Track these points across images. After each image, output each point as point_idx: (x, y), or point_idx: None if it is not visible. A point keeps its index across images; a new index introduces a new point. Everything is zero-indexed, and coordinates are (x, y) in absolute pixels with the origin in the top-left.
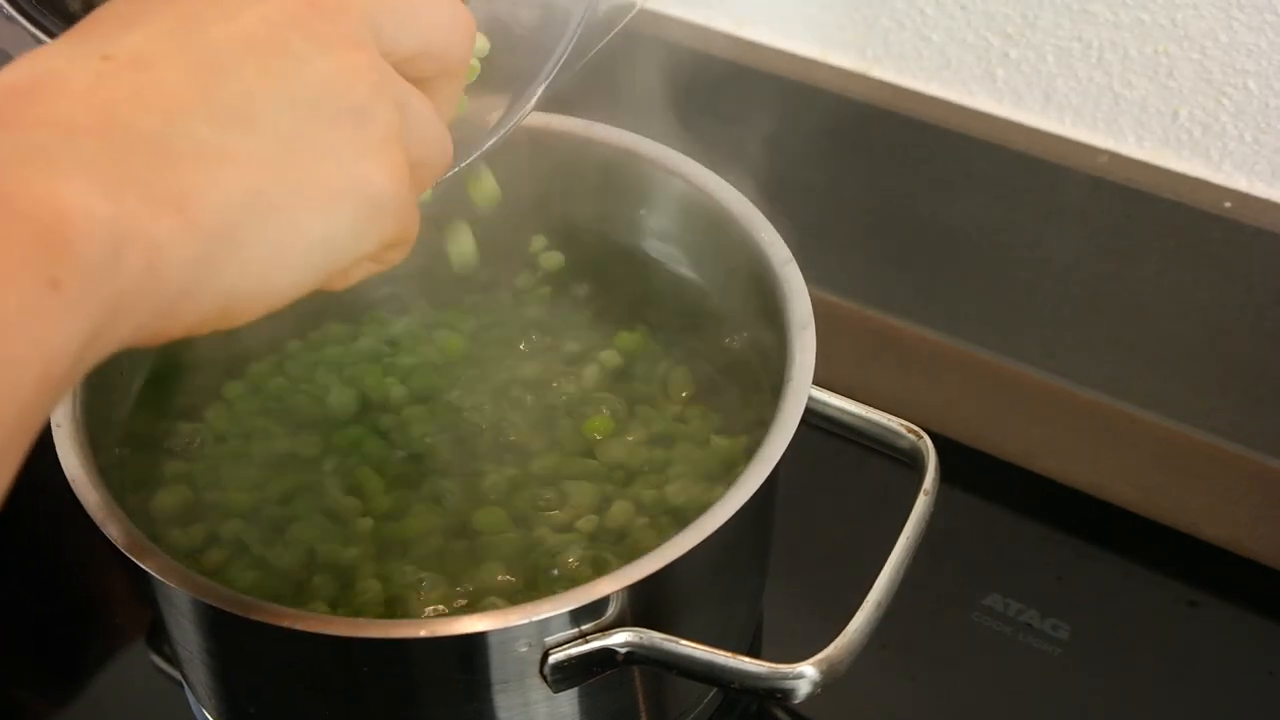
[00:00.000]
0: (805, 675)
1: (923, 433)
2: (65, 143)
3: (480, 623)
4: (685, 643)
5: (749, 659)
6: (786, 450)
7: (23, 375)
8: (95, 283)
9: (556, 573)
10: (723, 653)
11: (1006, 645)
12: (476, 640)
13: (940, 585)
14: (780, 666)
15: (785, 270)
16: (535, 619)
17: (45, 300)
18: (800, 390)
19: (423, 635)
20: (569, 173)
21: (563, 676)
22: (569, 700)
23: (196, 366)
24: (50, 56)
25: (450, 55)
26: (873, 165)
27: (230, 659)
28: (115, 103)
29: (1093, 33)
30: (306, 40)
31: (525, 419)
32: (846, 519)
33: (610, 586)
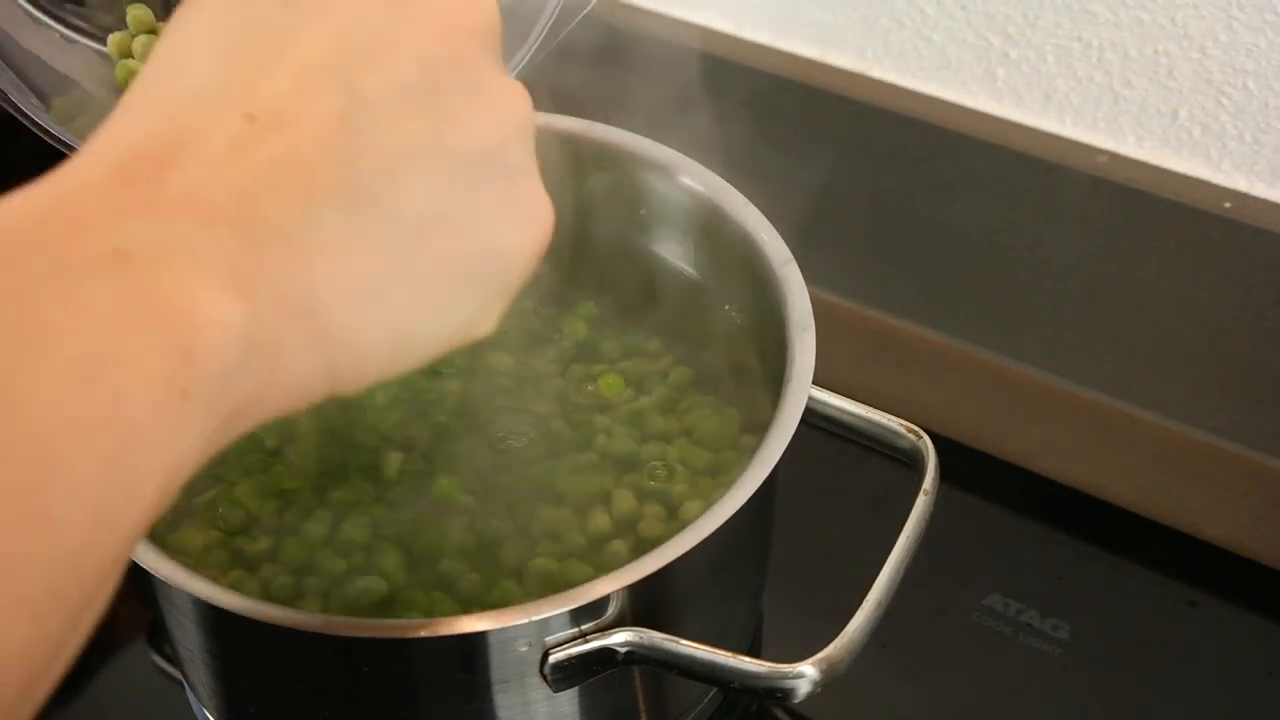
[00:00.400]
0: (805, 675)
1: (923, 433)
2: (203, 235)
3: (480, 623)
4: (685, 642)
5: (749, 659)
6: (786, 450)
7: (145, 488)
8: (223, 391)
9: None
10: (723, 652)
11: (1006, 645)
12: (476, 640)
13: (940, 585)
14: (780, 666)
15: (785, 270)
16: (535, 619)
17: (174, 410)
18: (800, 390)
19: (423, 635)
20: (568, 173)
21: (563, 676)
22: (569, 700)
23: None
24: (186, 112)
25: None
26: (873, 165)
27: (230, 659)
28: (255, 187)
29: (1093, 33)
30: (464, 86)
31: (525, 416)
32: (846, 519)
33: (610, 586)
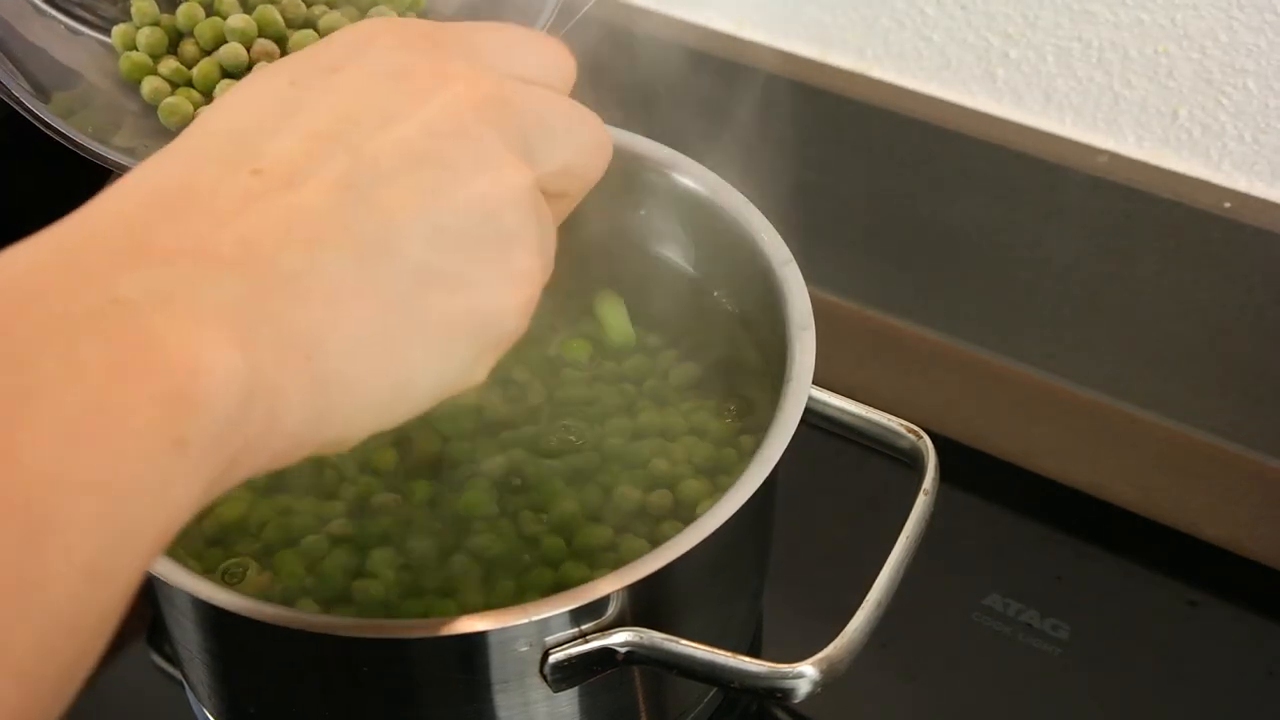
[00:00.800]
0: (805, 675)
1: (923, 433)
2: (205, 279)
3: (480, 623)
4: (685, 642)
5: (749, 659)
6: (786, 450)
7: (141, 542)
8: (220, 439)
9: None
10: (723, 652)
11: (1006, 645)
12: (476, 640)
13: (940, 585)
14: (780, 666)
15: (785, 270)
16: (535, 619)
17: (170, 462)
18: (800, 390)
19: (423, 635)
20: None
21: (563, 676)
22: (569, 700)
23: None
24: (196, 166)
25: (586, 178)
26: (873, 165)
27: (230, 659)
28: (260, 234)
29: (1093, 33)
30: (467, 154)
31: (522, 415)
32: (846, 519)
33: (610, 586)
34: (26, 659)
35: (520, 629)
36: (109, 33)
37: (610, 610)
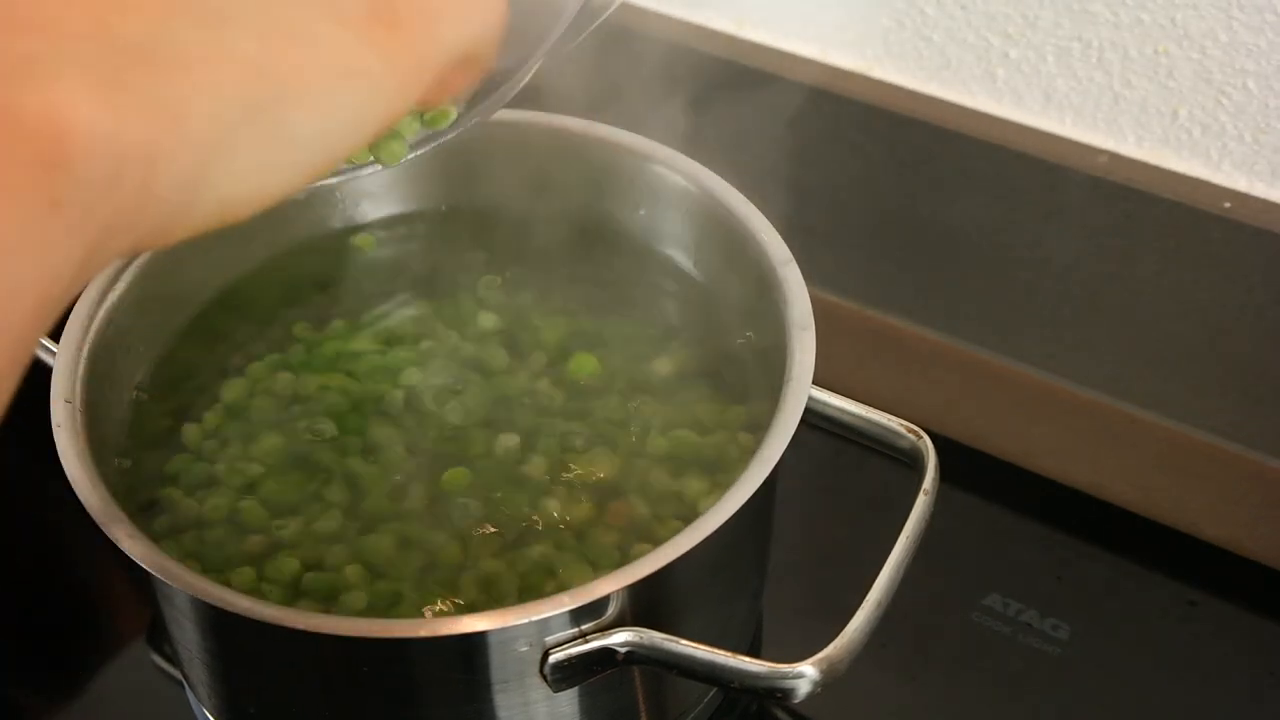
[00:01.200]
0: (805, 675)
1: (922, 433)
2: (59, 49)
3: (480, 622)
4: (685, 642)
5: (749, 659)
6: (786, 450)
7: (22, 299)
8: (94, 202)
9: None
10: (723, 652)
11: (1006, 645)
12: (476, 640)
13: (940, 585)
14: (780, 666)
15: (785, 270)
16: (535, 619)
17: (45, 222)
18: (800, 390)
19: (423, 635)
20: (569, 172)
21: (563, 676)
22: (569, 700)
23: (199, 365)
24: None
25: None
26: (873, 165)
27: (230, 659)
28: (106, 10)
29: (1093, 33)
30: None
31: (524, 415)
32: (846, 519)
33: (610, 586)
34: None
35: (520, 629)
36: None
37: (610, 610)
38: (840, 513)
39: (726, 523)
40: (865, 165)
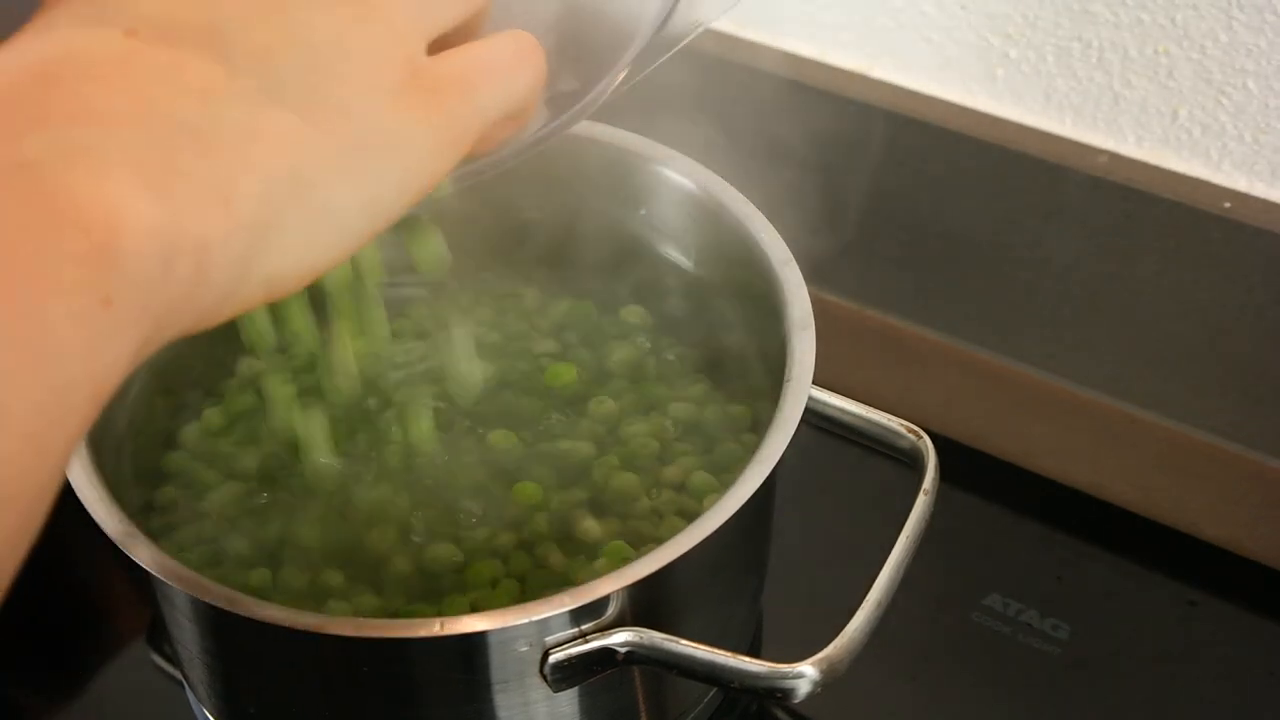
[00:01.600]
0: (805, 675)
1: (922, 433)
2: (107, 137)
3: (480, 622)
4: (685, 642)
5: (749, 659)
6: (786, 450)
7: (76, 400)
8: (147, 295)
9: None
10: (723, 652)
11: (1006, 645)
12: (476, 640)
13: (940, 585)
14: (780, 666)
15: (785, 270)
16: (535, 619)
17: (98, 320)
18: (800, 390)
19: (422, 635)
20: (569, 172)
21: (563, 676)
22: (569, 700)
23: (198, 364)
24: (68, 35)
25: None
26: (873, 165)
27: (230, 659)
28: (152, 92)
29: (1093, 33)
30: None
31: (524, 413)
32: (846, 519)
33: (610, 586)
34: None
35: (520, 629)
36: None
37: (610, 610)
38: (840, 513)
39: (726, 523)
40: (865, 165)
